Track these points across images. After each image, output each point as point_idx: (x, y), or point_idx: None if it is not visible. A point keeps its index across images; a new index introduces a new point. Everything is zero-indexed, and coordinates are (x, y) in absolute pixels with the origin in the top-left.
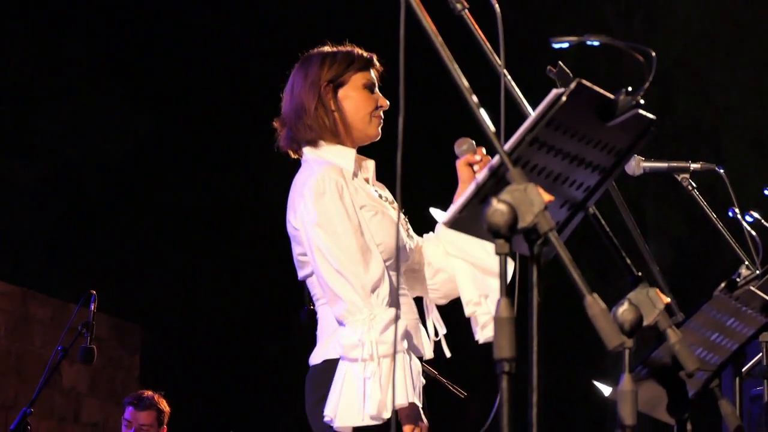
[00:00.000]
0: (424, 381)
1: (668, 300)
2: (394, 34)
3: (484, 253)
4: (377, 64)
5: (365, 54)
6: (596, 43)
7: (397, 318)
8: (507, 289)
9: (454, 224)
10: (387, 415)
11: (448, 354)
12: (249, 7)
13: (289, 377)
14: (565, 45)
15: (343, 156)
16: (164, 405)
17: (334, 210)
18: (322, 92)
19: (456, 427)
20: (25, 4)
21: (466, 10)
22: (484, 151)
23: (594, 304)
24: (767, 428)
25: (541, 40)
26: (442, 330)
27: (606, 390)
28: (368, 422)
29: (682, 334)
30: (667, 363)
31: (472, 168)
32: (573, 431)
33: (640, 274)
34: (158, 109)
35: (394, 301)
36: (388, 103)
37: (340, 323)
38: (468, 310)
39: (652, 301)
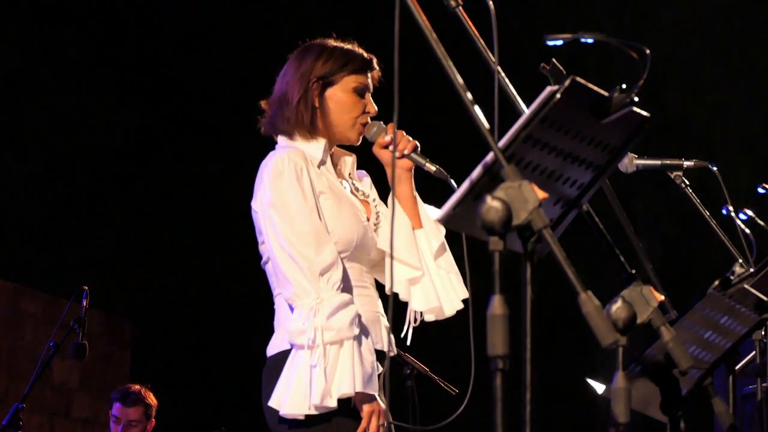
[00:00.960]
0: (380, 370)
1: (662, 297)
2: (388, 30)
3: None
4: (376, 67)
5: (365, 56)
6: (590, 41)
7: (347, 304)
8: (500, 286)
9: (448, 221)
10: (332, 404)
11: (409, 342)
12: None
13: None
14: (560, 42)
15: (312, 145)
16: (151, 398)
17: (290, 191)
18: (309, 87)
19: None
20: None
21: (461, 7)
22: (394, 127)
23: (588, 301)
24: (760, 426)
25: (534, 37)
26: (417, 318)
27: (599, 388)
28: (312, 411)
29: (675, 332)
30: (660, 361)
31: (387, 149)
32: (565, 428)
33: (633, 271)
34: (148, 103)
35: (348, 290)
36: (376, 109)
37: (290, 308)
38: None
39: (645, 299)
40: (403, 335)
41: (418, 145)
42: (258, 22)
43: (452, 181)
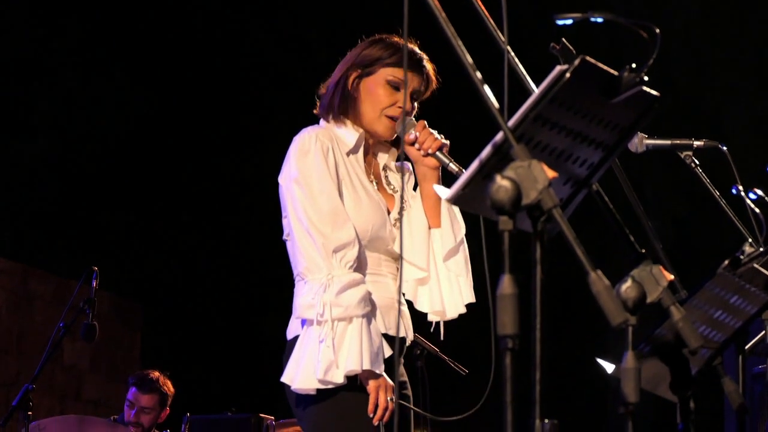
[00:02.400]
0: (388, 353)
1: (672, 277)
2: (398, 10)
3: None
4: (424, 67)
5: (415, 52)
6: (600, 20)
7: (358, 283)
8: (510, 266)
9: (457, 201)
10: (338, 379)
11: (442, 336)
12: None
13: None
14: (569, 22)
15: (349, 132)
16: (168, 387)
17: (315, 169)
18: (348, 73)
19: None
20: None
21: None
22: (423, 125)
23: (598, 281)
24: None
25: (544, 17)
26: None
27: (609, 367)
28: (318, 386)
29: (685, 312)
30: (670, 340)
31: (413, 146)
32: (575, 408)
33: (643, 251)
34: (160, 86)
35: (362, 272)
36: (409, 106)
37: (302, 281)
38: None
39: (655, 279)
40: (432, 330)
41: (447, 143)
42: (275, 6)
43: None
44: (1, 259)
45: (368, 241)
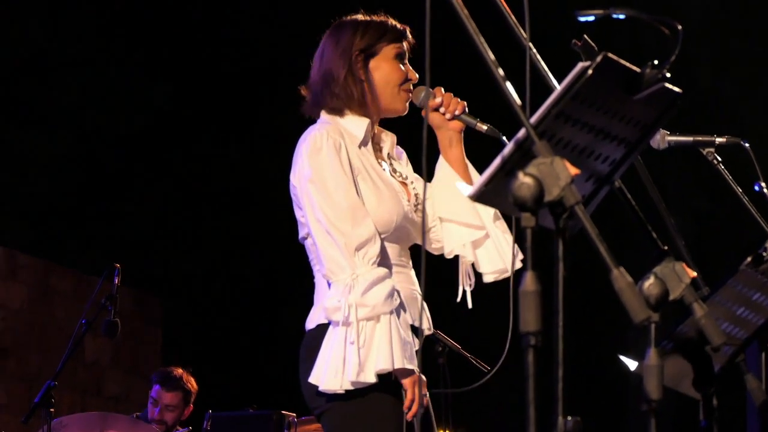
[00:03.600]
0: (416, 346)
1: (694, 274)
2: (420, 7)
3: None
4: (410, 36)
5: (399, 25)
6: (622, 17)
7: (383, 279)
8: (533, 263)
9: (480, 197)
10: (370, 379)
11: (470, 305)
12: None
13: None
14: (591, 18)
15: (356, 124)
16: (192, 384)
17: (329, 166)
18: (352, 61)
19: (479, 401)
20: None
21: None
22: (442, 90)
23: (620, 277)
24: None
25: (566, 13)
26: (470, 282)
27: (632, 364)
28: (349, 387)
29: (708, 309)
30: (692, 337)
31: (438, 111)
32: (598, 405)
33: (666, 248)
34: (178, 79)
35: (385, 266)
36: (417, 76)
37: (328, 283)
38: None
39: (678, 275)
40: (459, 299)
41: (466, 104)
42: (289, 3)
43: (504, 139)
44: (23, 255)
45: (393, 231)
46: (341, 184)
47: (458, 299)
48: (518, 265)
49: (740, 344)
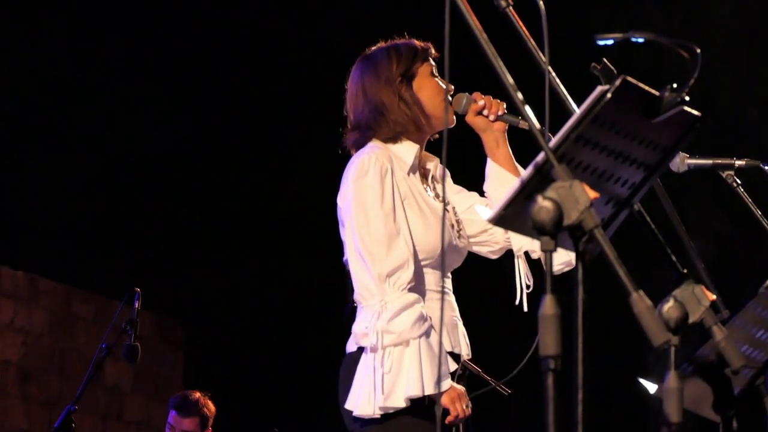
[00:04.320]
0: (453, 367)
1: (714, 297)
2: (439, 31)
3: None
4: (433, 51)
5: (423, 44)
6: (641, 40)
7: (412, 304)
8: (552, 286)
9: (499, 221)
10: (399, 404)
11: (525, 308)
12: (292, 4)
13: (334, 374)
14: (610, 42)
15: (407, 150)
16: (209, 408)
17: (371, 191)
18: (399, 87)
19: (499, 425)
20: (66, 0)
21: (511, 7)
22: (480, 94)
23: (639, 301)
24: None
25: (584, 35)
26: (529, 282)
27: (651, 387)
28: (378, 412)
29: (727, 331)
30: (712, 360)
31: (482, 114)
32: (617, 428)
33: (685, 271)
34: (199, 105)
35: (420, 292)
36: (452, 86)
37: (360, 307)
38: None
39: (697, 298)
40: (518, 302)
41: (505, 106)
42: (313, 26)
43: (549, 135)
44: (44, 279)
45: (437, 257)
46: (380, 211)
47: (516, 301)
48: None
49: (760, 367)
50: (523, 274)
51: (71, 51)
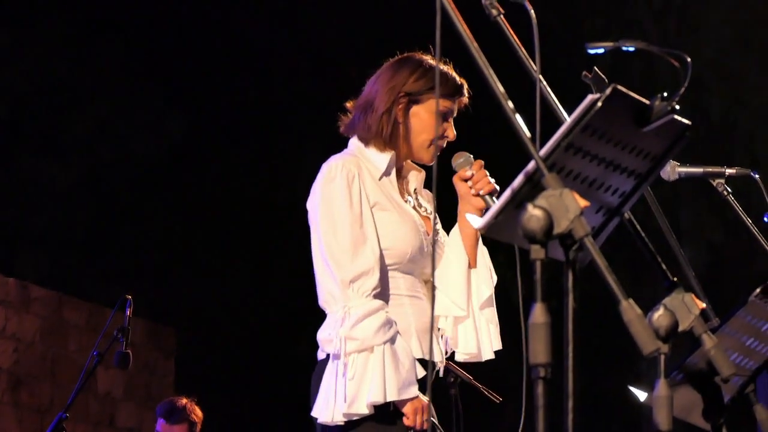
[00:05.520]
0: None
1: (703, 305)
2: (430, 39)
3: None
4: (465, 94)
5: (457, 80)
6: (632, 49)
7: (376, 311)
8: (542, 294)
9: (490, 230)
10: (362, 411)
11: (441, 374)
12: (284, 9)
13: None
14: (601, 51)
15: (380, 156)
16: (197, 414)
17: (338, 197)
18: (396, 100)
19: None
20: (59, 5)
21: (502, 16)
22: (481, 165)
23: (629, 309)
24: None
25: (576, 44)
26: (444, 355)
27: (642, 395)
28: (340, 419)
29: (717, 340)
30: (702, 368)
31: (467, 183)
32: None
33: (675, 279)
34: (192, 110)
35: (384, 298)
36: (455, 135)
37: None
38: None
39: (687, 307)
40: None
41: (498, 189)
42: (306, 32)
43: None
44: (36, 287)
45: (406, 262)
46: (347, 217)
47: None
48: (492, 356)
49: (750, 375)
50: (444, 342)
51: (64, 56)
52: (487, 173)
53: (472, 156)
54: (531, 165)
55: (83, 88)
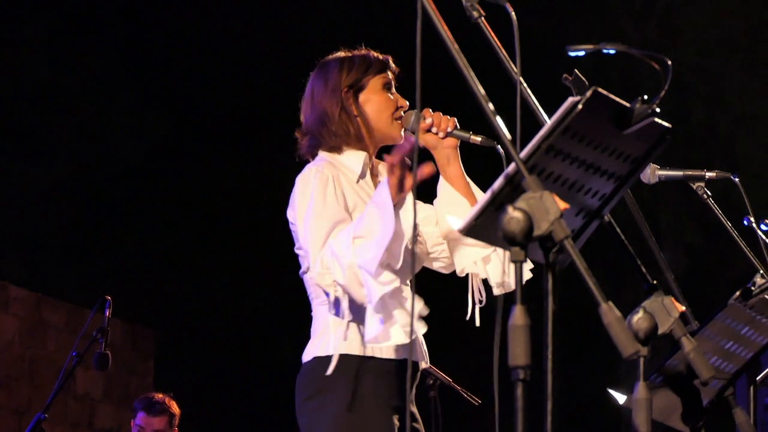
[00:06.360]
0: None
1: (683, 308)
2: (410, 41)
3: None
4: (393, 65)
5: (381, 56)
6: (612, 52)
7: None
8: (522, 297)
9: (470, 231)
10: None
11: (477, 323)
12: (265, 10)
13: None
14: (581, 53)
15: (353, 159)
16: (175, 407)
17: (317, 203)
18: (343, 98)
19: None
20: (41, 6)
21: (483, 18)
22: (431, 110)
23: (609, 312)
24: None
25: (557, 46)
26: (482, 297)
27: (621, 398)
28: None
29: (696, 343)
30: (681, 371)
31: (431, 131)
32: None
33: (655, 282)
34: (174, 112)
35: None
36: (407, 102)
37: (325, 292)
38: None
39: (667, 310)
40: (469, 317)
41: (456, 121)
42: (286, 33)
43: (500, 148)
44: (15, 287)
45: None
46: (325, 220)
47: (468, 317)
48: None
49: (729, 378)
50: (475, 290)
51: (45, 57)
52: (440, 112)
53: (415, 110)
54: (511, 167)
55: (62, 90)
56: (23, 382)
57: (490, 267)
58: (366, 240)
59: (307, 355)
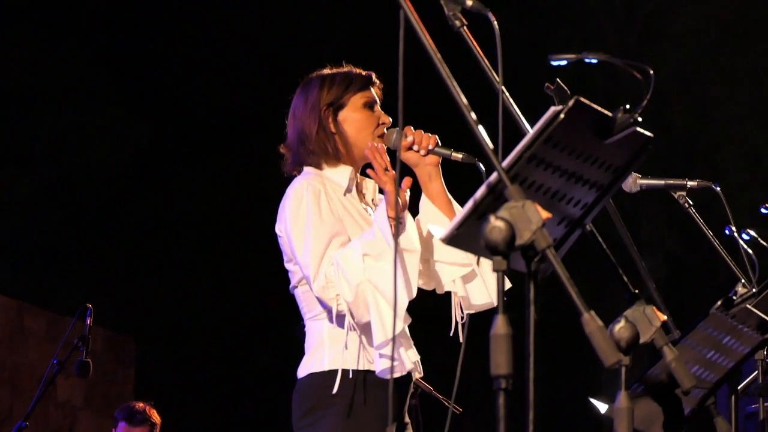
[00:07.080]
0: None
1: (665, 317)
2: (393, 50)
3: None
4: (377, 81)
5: (363, 73)
6: (594, 61)
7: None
8: (503, 306)
9: (452, 241)
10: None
11: (461, 339)
12: (248, 17)
13: (284, 391)
14: (564, 62)
15: (339, 173)
16: (156, 416)
17: (310, 215)
18: (322, 116)
19: None
20: (22, 11)
21: (465, 27)
22: (412, 128)
23: (591, 321)
24: None
25: (539, 55)
26: (462, 314)
27: (602, 407)
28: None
29: (678, 352)
30: (663, 380)
31: (412, 149)
32: None
33: (636, 291)
34: (156, 118)
35: None
36: (390, 119)
37: (322, 304)
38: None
39: (648, 319)
40: (452, 333)
41: (438, 138)
42: (269, 38)
43: (480, 165)
44: None
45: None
46: (321, 232)
47: (451, 333)
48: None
49: (710, 387)
50: (456, 307)
51: (26, 63)
52: (422, 130)
53: (397, 128)
54: (493, 176)
55: (44, 96)
56: (4, 389)
57: (470, 286)
58: (376, 261)
59: (303, 371)
